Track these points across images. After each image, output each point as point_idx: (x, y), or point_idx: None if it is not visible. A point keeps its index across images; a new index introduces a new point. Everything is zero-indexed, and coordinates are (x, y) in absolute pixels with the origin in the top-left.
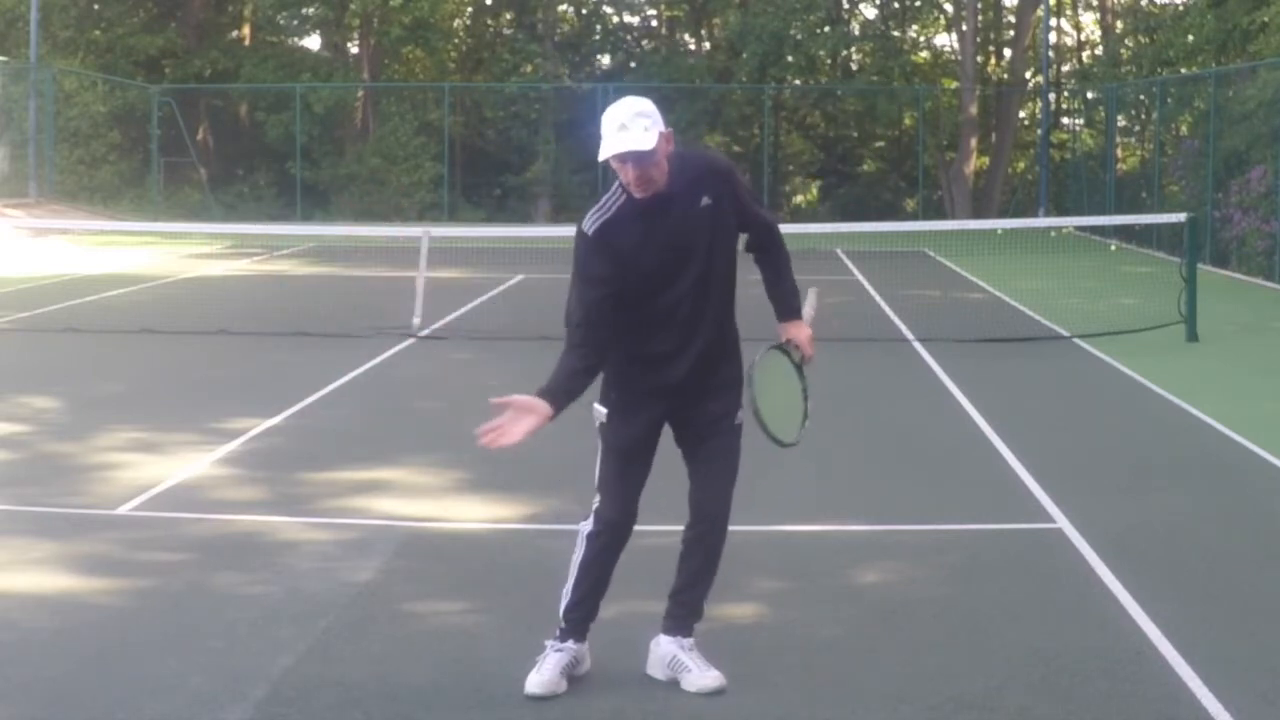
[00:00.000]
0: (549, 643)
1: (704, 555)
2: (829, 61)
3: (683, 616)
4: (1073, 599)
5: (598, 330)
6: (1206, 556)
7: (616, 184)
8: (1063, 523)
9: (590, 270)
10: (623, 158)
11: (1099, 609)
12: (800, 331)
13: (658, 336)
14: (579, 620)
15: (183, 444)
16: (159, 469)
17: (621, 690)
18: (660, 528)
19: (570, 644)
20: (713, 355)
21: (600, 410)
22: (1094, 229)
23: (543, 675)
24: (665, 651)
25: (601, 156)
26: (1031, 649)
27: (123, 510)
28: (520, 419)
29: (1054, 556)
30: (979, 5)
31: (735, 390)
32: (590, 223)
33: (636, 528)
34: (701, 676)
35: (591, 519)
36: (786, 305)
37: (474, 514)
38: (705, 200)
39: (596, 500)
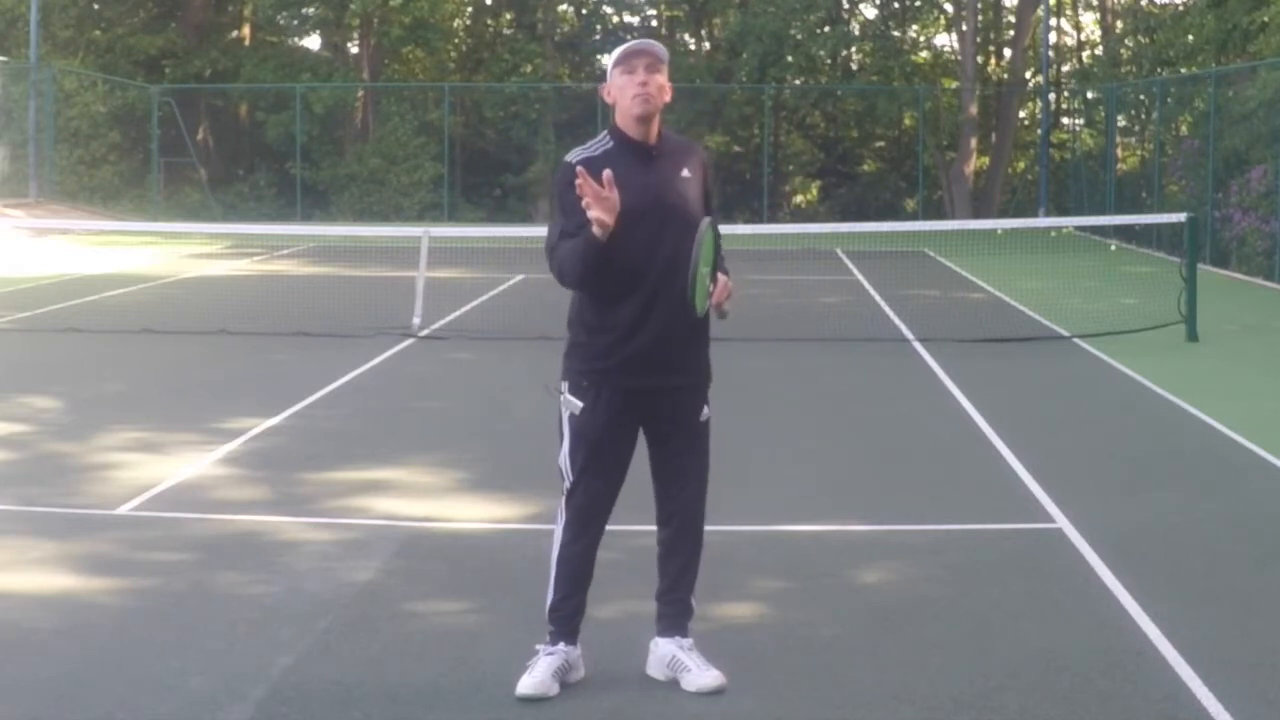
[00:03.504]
0: (540, 647)
1: (683, 557)
2: (829, 61)
3: (674, 616)
4: (1073, 599)
5: None
6: (1206, 556)
7: (605, 132)
8: (1063, 523)
9: (568, 199)
10: (640, 49)
11: (1099, 609)
12: (723, 281)
13: (626, 298)
14: (564, 619)
15: (183, 444)
16: (159, 469)
17: (621, 690)
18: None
19: (561, 646)
20: (679, 335)
21: (574, 401)
22: (1094, 229)
23: (533, 676)
24: (665, 652)
25: (614, 58)
26: (1031, 649)
27: (123, 510)
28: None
29: (1054, 556)
30: (979, 5)
31: (703, 386)
32: (574, 155)
33: (633, 527)
34: (701, 676)
35: (563, 513)
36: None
37: (474, 514)
38: (685, 172)
39: (566, 493)
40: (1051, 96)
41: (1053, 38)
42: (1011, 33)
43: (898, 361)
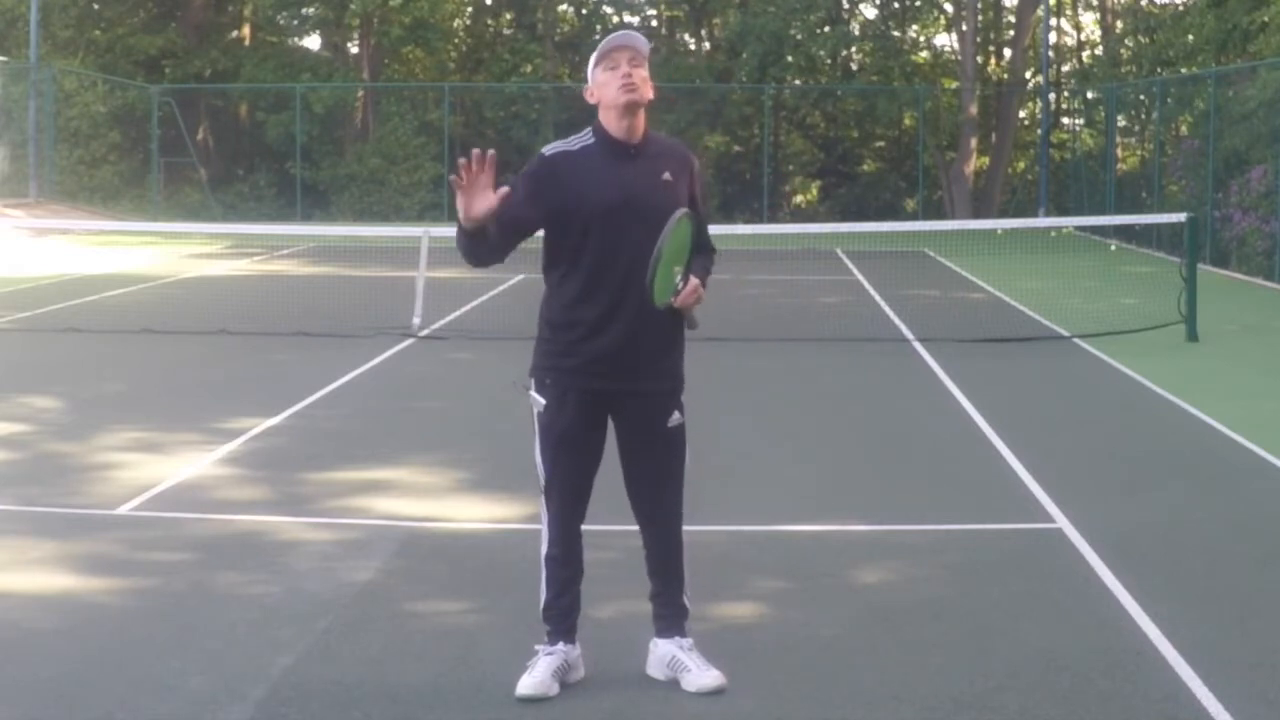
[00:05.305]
0: (539, 647)
1: (667, 565)
2: (829, 61)
3: (670, 618)
4: (1073, 599)
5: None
6: (1206, 556)
7: (588, 129)
8: (1063, 523)
9: (524, 189)
10: (621, 43)
11: (1099, 609)
12: (694, 283)
13: (590, 298)
14: (559, 617)
15: (183, 444)
16: (159, 469)
17: (621, 690)
18: None
19: (560, 646)
20: (648, 338)
21: (538, 399)
22: (1094, 229)
23: (533, 676)
24: (664, 652)
25: (595, 57)
26: (1031, 649)
27: (123, 510)
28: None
29: (1054, 556)
30: (979, 5)
31: (674, 391)
32: (551, 148)
33: (631, 527)
34: (701, 676)
35: (544, 510)
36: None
37: (474, 514)
38: (666, 175)
39: (543, 490)
40: (1051, 96)
41: (1053, 38)
42: (1011, 33)
43: (898, 361)
